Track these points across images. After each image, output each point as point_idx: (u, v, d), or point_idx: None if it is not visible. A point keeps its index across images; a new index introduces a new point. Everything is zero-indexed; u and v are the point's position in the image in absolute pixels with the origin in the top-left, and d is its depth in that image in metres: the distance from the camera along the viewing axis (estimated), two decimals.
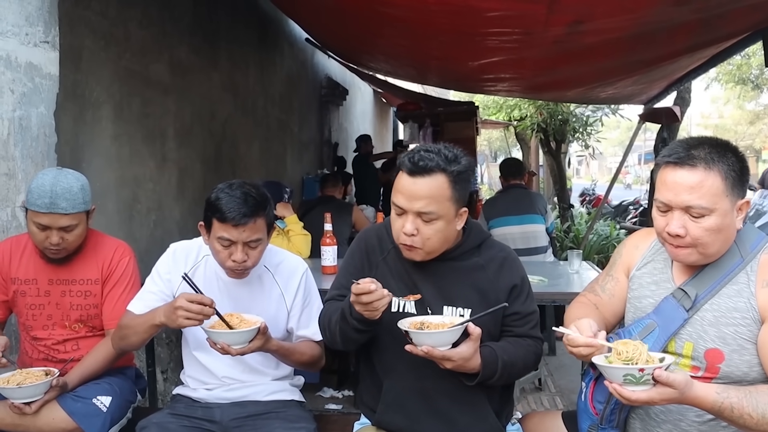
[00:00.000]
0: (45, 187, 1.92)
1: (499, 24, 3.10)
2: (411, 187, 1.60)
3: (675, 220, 1.48)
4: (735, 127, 30.82)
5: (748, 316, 1.48)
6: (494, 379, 1.65)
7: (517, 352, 1.71)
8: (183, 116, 4.12)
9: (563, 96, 6.70)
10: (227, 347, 1.71)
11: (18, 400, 1.85)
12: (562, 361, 4.69)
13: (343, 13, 3.65)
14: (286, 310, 2.01)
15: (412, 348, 1.56)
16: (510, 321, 1.75)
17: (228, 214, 1.77)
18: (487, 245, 1.80)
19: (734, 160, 1.47)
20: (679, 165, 1.48)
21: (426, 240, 1.63)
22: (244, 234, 1.80)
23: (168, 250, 2.03)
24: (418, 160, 1.60)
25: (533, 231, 4.54)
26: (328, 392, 3.99)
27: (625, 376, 1.35)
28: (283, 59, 6.33)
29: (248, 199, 1.80)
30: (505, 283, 1.74)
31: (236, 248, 1.82)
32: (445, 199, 1.61)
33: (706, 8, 2.75)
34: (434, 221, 1.62)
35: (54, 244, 1.97)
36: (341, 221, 4.21)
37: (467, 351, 1.57)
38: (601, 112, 9.91)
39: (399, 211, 1.64)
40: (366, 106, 11.59)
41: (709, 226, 1.46)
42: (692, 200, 1.45)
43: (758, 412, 1.34)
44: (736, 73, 16.33)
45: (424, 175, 1.60)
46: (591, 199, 15.30)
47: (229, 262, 1.84)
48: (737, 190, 1.48)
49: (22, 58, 2.22)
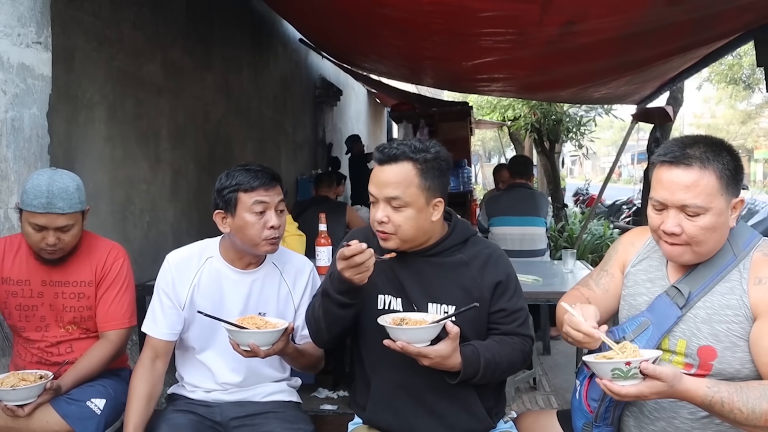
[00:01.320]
0: (41, 187, 1.91)
1: (493, 24, 3.11)
2: (380, 174, 1.67)
3: (671, 218, 1.50)
4: (727, 126, 30.99)
5: (740, 313, 1.49)
6: (477, 377, 1.65)
7: (502, 350, 1.70)
8: (176, 117, 4.11)
9: (557, 96, 6.72)
10: (256, 348, 1.69)
11: (11, 403, 1.84)
12: (557, 361, 4.71)
13: (336, 13, 3.65)
14: (293, 307, 2.01)
15: (390, 343, 1.57)
16: (496, 318, 1.75)
17: (256, 181, 1.86)
18: (472, 242, 1.80)
19: (729, 159, 1.49)
20: (674, 164, 1.50)
21: (398, 227, 1.66)
22: (275, 197, 1.88)
23: (165, 264, 1.99)
24: (385, 149, 1.67)
25: (533, 233, 4.52)
26: (323, 393, 3.98)
27: (613, 370, 1.37)
28: (276, 60, 6.32)
29: (265, 168, 1.91)
30: (489, 279, 1.74)
31: (270, 214, 1.87)
32: (413, 185, 1.65)
33: (698, 8, 2.77)
34: (403, 208, 1.66)
35: (50, 244, 1.96)
36: (336, 221, 4.21)
37: (445, 349, 1.57)
38: (594, 112, 9.95)
39: (372, 199, 1.70)
40: (360, 106, 11.59)
41: (704, 224, 1.47)
42: (688, 199, 1.47)
43: (748, 407, 1.34)
44: (727, 73, 16.43)
45: (390, 162, 1.66)
46: (585, 199, 15.36)
47: (266, 231, 1.86)
48: (732, 189, 1.49)
49: (15, 58, 2.20)
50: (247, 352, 1.71)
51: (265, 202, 1.86)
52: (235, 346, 1.72)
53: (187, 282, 1.94)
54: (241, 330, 1.69)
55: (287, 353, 1.83)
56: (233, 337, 1.71)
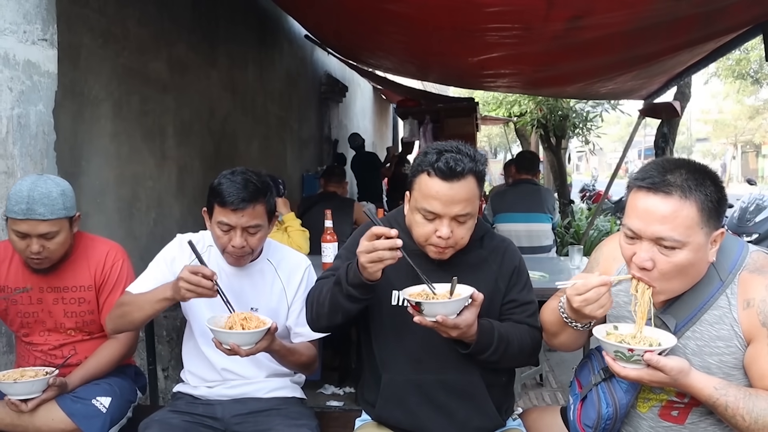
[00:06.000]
0: (22, 192, 1.86)
1: (499, 19, 3.09)
2: (448, 192, 1.60)
3: (643, 251, 1.38)
4: (735, 122, 30.82)
5: (732, 344, 1.41)
6: (490, 351, 1.64)
7: (513, 331, 1.71)
8: (182, 114, 4.12)
9: (563, 91, 6.69)
10: (237, 348, 1.69)
11: (15, 397, 1.83)
12: (563, 357, 4.69)
13: (342, 9, 3.64)
14: (286, 304, 2.01)
15: (421, 319, 1.54)
16: (507, 309, 1.77)
17: (227, 198, 1.80)
18: (488, 237, 1.83)
19: (713, 189, 1.36)
20: (652, 191, 1.36)
21: (459, 239, 1.66)
22: (243, 219, 1.82)
23: (174, 239, 2.02)
24: (452, 165, 1.59)
25: (538, 230, 4.51)
26: (329, 389, 3.99)
27: (616, 352, 1.38)
28: (282, 56, 6.32)
29: (248, 184, 1.83)
30: (506, 270, 1.77)
31: (235, 233, 1.84)
32: (476, 198, 1.65)
33: (705, 3, 2.74)
34: (468, 221, 1.65)
35: (34, 252, 1.90)
36: (343, 218, 4.20)
37: (471, 317, 1.57)
38: (601, 108, 9.90)
39: (431, 216, 1.63)
40: (366, 102, 11.58)
41: (679, 261, 1.36)
42: (664, 231, 1.34)
43: (752, 416, 1.32)
44: (735, 68, 16.32)
45: (459, 179, 1.60)
46: (591, 195, 15.27)
47: (229, 248, 1.86)
48: (713, 222, 1.36)
49: (20, 55, 2.21)
50: (229, 351, 1.71)
51: (228, 224, 1.83)
52: (218, 344, 1.72)
53: (186, 262, 1.93)
54: (221, 330, 1.69)
55: (274, 350, 1.82)
56: (215, 335, 1.71)
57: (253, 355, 1.96)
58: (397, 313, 1.70)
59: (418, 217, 1.65)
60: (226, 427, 1.94)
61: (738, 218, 6.82)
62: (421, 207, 1.63)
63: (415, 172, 1.67)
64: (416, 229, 1.67)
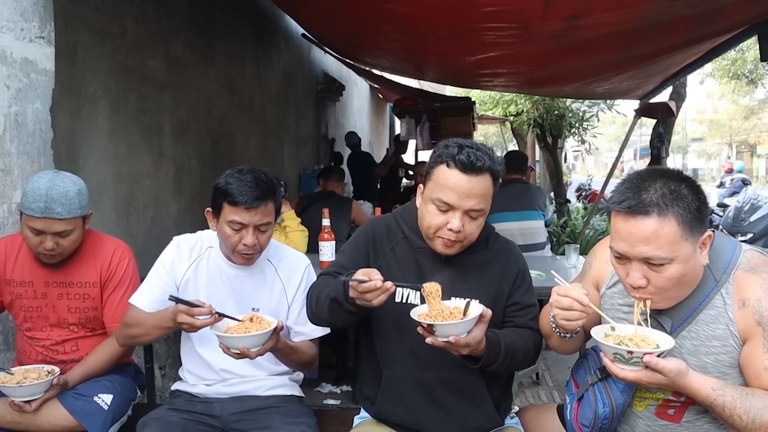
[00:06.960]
0: (40, 190, 1.87)
1: (496, 19, 3.10)
2: (465, 185, 1.61)
3: (634, 270, 1.41)
4: (730, 122, 30.94)
5: (728, 343, 1.43)
6: (497, 363, 1.65)
7: (518, 339, 1.72)
8: (179, 112, 4.11)
9: (560, 91, 6.70)
10: (247, 351, 1.69)
11: (18, 399, 1.84)
12: (559, 356, 4.69)
13: (339, 8, 3.64)
14: (287, 304, 2.01)
15: (434, 340, 1.54)
16: (511, 311, 1.78)
17: (240, 197, 1.80)
18: (493, 239, 1.84)
19: (691, 198, 1.36)
20: (630, 214, 1.37)
21: (468, 235, 1.67)
22: (255, 217, 1.83)
23: (171, 243, 2.02)
24: (473, 159, 1.61)
25: (531, 227, 4.53)
26: (327, 388, 4.00)
27: (615, 354, 1.38)
28: (279, 55, 6.31)
29: (259, 183, 1.84)
30: (510, 273, 1.79)
31: (247, 232, 1.84)
32: (490, 196, 1.67)
33: (702, 3, 2.75)
34: (479, 217, 1.66)
35: (48, 249, 1.93)
36: (341, 216, 4.20)
37: (480, 334, 1.57)
38: (597, 108, 9.93)
39: (445, 207, 1.63)
40: (363, 101, 11.57)
41: (671, 275, 1.38)
42: (649, 251, 1.36)
43: (749, 416, 1.34)
44: (730, 68, 16.37)
45: (478, 174, 1.62)
46: (587, 194, 15.30)
47: (240, 246, 1.85)
48: (697, 230, 1.37)
49: (18, 53, 2.20)
50: (238, 355, 1.71)
51: (241, 223, 1.83)
52: (225, 349, 1.72)
53: (185, 265, 1.96)
54: (229, 336, 1.69)
55: (278, 349, 1.83)
56: (223, 341, 1.70)
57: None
58: (399, 310, 1.71)
59: (431, 208, 1.66)
60: (224, 425, 1.94)
61: (733, 218, 6.83)
62: (436, 197, 1.64)
63: (433, 164, 1.67)
64: (428, 219, 1.67)
